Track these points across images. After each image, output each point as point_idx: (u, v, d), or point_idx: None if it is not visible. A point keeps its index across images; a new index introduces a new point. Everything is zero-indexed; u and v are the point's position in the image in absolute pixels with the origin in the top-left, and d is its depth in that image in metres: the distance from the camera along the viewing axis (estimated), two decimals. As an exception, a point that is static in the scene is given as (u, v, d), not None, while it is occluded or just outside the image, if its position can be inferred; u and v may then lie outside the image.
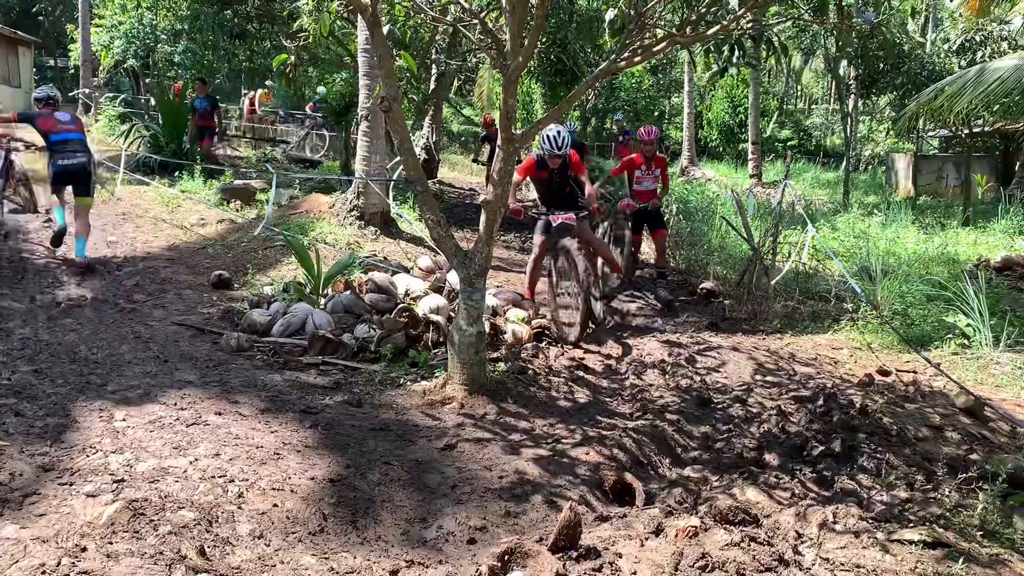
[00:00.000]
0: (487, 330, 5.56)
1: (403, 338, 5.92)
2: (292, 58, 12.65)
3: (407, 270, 8.21)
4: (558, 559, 3.00)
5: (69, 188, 7.99)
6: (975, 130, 18.58)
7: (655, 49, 5.12)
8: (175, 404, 4.50)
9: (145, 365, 5.19)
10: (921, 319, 7.52)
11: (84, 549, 2.74)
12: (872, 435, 4.62)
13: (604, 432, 4.86)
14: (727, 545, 3.16)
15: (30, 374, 4.73)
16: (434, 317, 6.29)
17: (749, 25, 5.46)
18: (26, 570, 2.58)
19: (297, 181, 13.35)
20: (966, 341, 6.92)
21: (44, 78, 30.65)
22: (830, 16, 5.88)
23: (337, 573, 2.96)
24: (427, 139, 14.86)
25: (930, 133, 23.79)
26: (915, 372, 6.23)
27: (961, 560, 3.18)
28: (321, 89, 17.84)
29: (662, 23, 5.64)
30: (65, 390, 4.56)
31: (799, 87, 44.00)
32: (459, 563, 3.21)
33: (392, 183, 10.78)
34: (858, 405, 4.97)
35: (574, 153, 7.16)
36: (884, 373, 6.11)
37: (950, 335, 7.03)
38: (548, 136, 6.84)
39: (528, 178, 7.62)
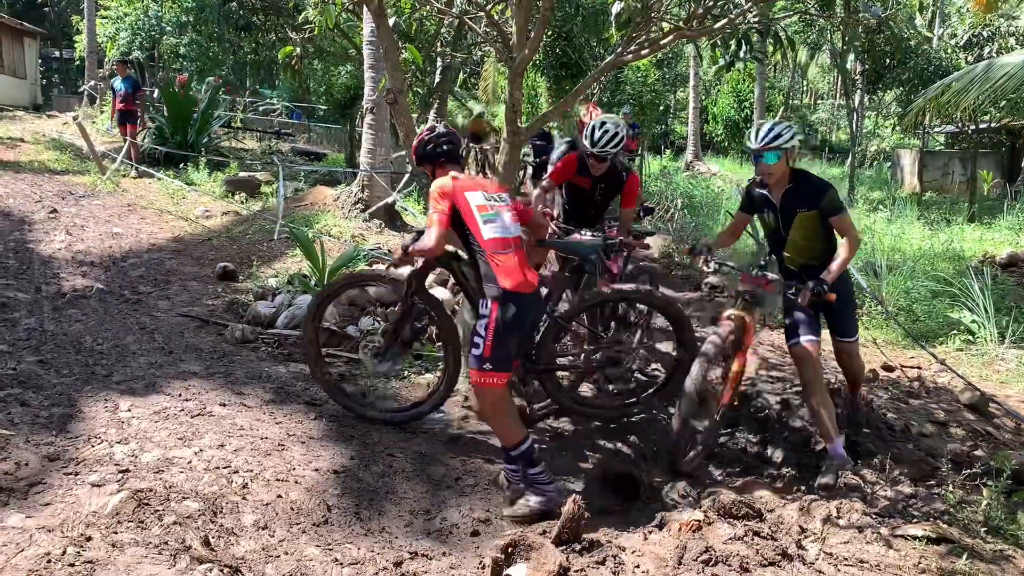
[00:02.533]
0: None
1: (407, 331, 5.91)
2: (297, 50, 12.64)
3: (411, 263, 8.20)
4: (561, 552, 3.00)
5: None
6: (982, 126, 18.51)
7: (661, 43, 5.11)
8: (180, 395, 4.51)
9: (150, 356, 5.20)
10: (926, 315, 7.51)
11: (89, 538, 2.75)
12: (876, 430, 4.61)
13: (608, 425, 4.86)
14: (730, 539, 3.17)
15: (36, 364, 4.74)
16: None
17: (755, 19, 5.44)
18: (32, 559, 2.59)
19: (302, 173, 13.35)
20: (971, 337, 6.91)
21: (49, 69, 30.69)
22: (837, 10, 5.86)
23: (341, 564, 2.97)
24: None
25: (936, 129, 23.69)
26: (919, 368, 6.22)
27: (965, 556, 3.18)
28: None
29: (668, 17, 5.62)
30: (70, 380, 4.57)
31: (805, 82, 43.84)
32: (463, 555, 3.22)
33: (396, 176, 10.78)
34: (863, 400, 4.96)
35: (635, 178, 5.33)
36: (889, 369, 6.10)
37: (955, 331, 7.02)
38: (592, 126, 5.05)
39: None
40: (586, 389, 5.00)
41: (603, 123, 4.97)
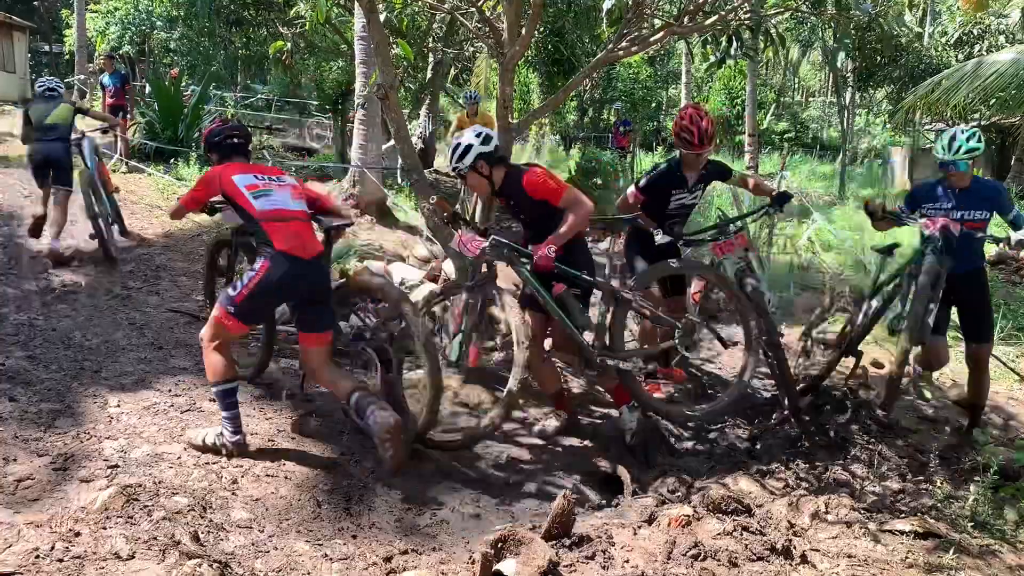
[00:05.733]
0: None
1: (398, 326, 5.91)
2: (288, 45, 12.59)
3: (403, 259, 8.19)
4: (551, 546, 3.01)
5: None
6: (971, 124, 18.59)
7: (652, 39, 5.11)
8: (169, 391, 4.51)
9: (139, 351, 5.18)
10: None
11: (78, 534, 2.74)
12: (866, 426, 4.63)
13: (598, 421, 4.87)
14: (720, 534, 3.18)
15: (24, 360, 4.72)
16: (429, 306, 6.27)
17: (747, 16, 5.45)
18: (20, 554, 2.58)
19: (293, 169, 13.30)
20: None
21: (39, 64, 30.48)
22: (828, 7, 5.88)
23: (331, 559, 2.97)
24: (424, 128, 14.83)
25: (927, 127, 23.78)
26: (909, 365, 6.24)
27: (952, 551, 3.20)
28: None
29: (660, 13, 5.62)
30: (59, 376, 4.55)
31: (796, 79, 43.91)
32: (453, 550, 3.22)
33: (388, 171, 10.78)
34: (851, 397, 4.98)
35: (537, 173, 4.29)
36: (878, 366, 6.12)
37: (943, 328, 7.04)
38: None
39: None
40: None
41: (460, 139, 4.42)
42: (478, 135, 4.31)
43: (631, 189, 5.15)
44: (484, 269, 4.28)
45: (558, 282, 4.22)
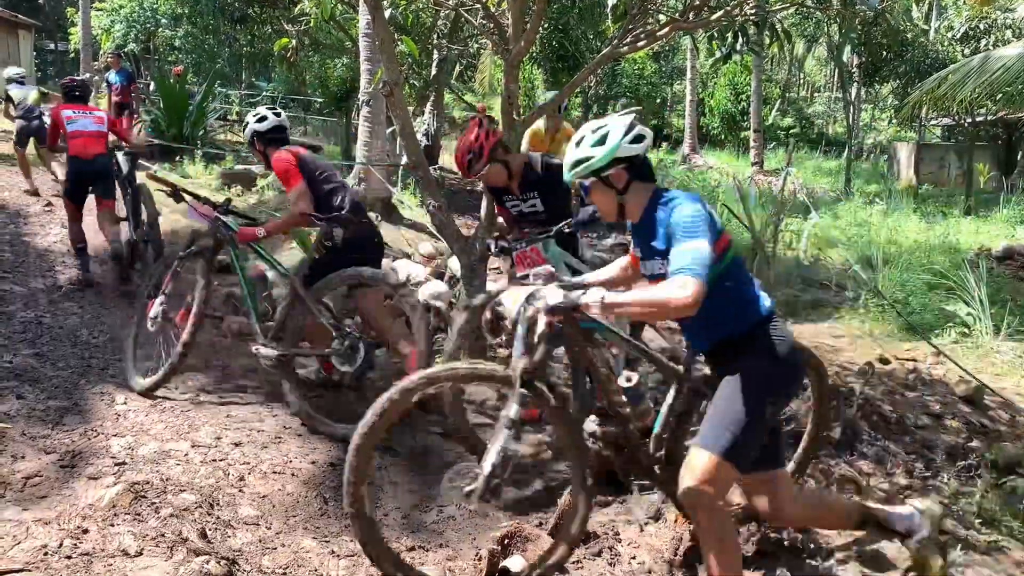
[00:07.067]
0: (489, 316, 5.51)
1: (404, 324, 5.91)
2: (293, 42, 12.58)
3: (408, 256, 8.19)
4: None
5: None
6: (978, 119, 18.53)
7: (658, 35, 5.08)
8: (176, 387, 4.51)
9: (146, 349, 5.19)
10: (922, 307, 7.51)
11: (86, 531, 2.75)
12: (872, 423, 4.62)
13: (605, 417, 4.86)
14: (726, 530, 3.17)
15: (32, 357, 4.73)
16: (435, 303, 6.27)
17: (752, 11, 5.43)
18: (28, 551, 2.59)
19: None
20: (966, 330, 6.92)
21: (44, 62, 30.55)
22: (833, 2, 5.85)
23: (338, 556, 2.98)
24: (429, 125, 14.82)
25: (933, 122, 23.71)
26: (915, 360, 6.23)
27: (959, 547, 3.20)
28: None
29: (665, 9, 5.60)
30: (67, 374, 4.56)
31: (802, 75, 43.77)
32: (459, 547, 3.23)
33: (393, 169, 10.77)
34: (858, 393, 4.97)
35: (279, 158, 4.53)
36: (884, 361, 6.11)
37: (951, 324, 7.03)
38: None
39: None
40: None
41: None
42: (255, 115, 4.68)
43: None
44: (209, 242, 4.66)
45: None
